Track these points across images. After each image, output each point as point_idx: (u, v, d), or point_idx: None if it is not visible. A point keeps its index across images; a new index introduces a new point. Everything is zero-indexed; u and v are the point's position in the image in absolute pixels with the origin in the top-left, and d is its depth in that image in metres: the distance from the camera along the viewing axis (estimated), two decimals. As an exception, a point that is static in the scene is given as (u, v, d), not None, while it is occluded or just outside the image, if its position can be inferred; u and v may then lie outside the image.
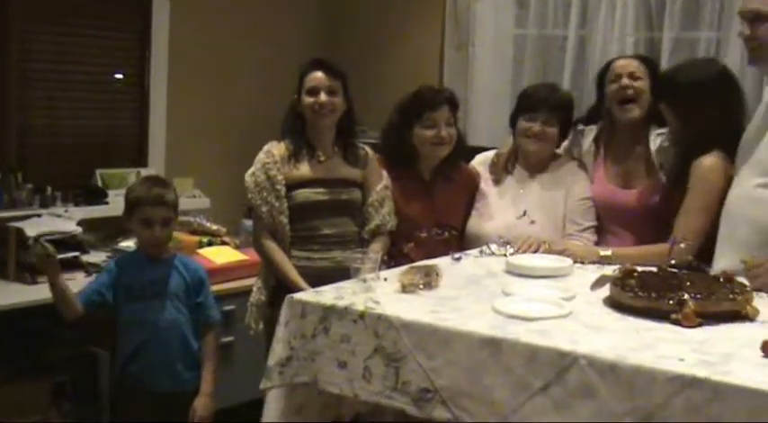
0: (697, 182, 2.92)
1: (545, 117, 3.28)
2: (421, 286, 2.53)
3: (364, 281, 2.52)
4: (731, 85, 3.04)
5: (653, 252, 2.91)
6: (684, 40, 4.33)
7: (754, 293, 2.36)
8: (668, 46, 4.31)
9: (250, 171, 3.21)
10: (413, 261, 2.85)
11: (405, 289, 2.50)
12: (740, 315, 2.26)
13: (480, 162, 3.52)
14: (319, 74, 3.21)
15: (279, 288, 3.11)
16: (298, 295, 2.51)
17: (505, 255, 3.00)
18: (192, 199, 4.57)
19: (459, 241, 3.34)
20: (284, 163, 3.20)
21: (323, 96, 3.18)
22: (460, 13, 4.95)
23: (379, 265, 2.65)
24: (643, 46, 4.43)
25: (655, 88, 3.21)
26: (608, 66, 3.39)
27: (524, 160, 3.41)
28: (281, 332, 2.48)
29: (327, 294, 2.47)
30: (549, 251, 3.02)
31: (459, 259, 2.98)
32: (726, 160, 2.90)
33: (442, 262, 2.87)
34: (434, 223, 3.33)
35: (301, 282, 3.07)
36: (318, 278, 2.83)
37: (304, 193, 3.19)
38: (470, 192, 3.44)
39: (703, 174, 2.91)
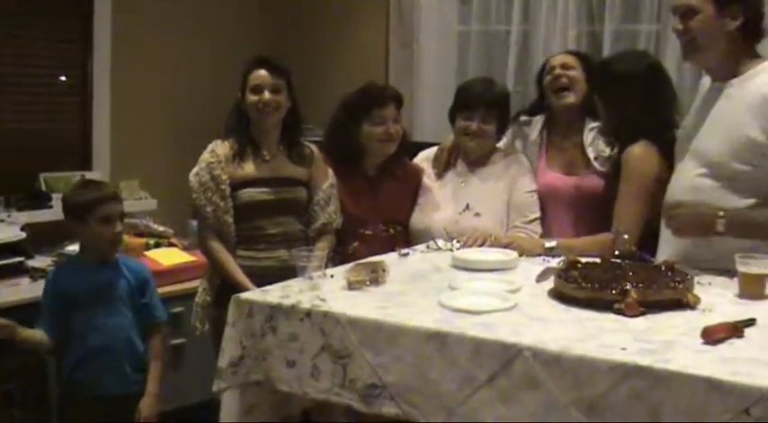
0: (628, 170, 2.98)
1: (482, 115, 3.32)
2: (367, 282, 2.54)
3: (311, 278, 2.53)
4: (660, 78, 3.12)
5: (597, 241, 2.98)
6: (625, 33, 4.38)
7: (695, 281, 2.40)
8: (609, 39, 4.36)
9: (194, 171, 3.20)
10: (360, 258, 2.85)
11: (351, 286, 2.51)
12: (681, 303, 2.29)
13: (423, 158, 3.55)
14: (263, 72, 3.20)
15: (224, 288, 3.10)
16: (244, 295, 2.51)
17: (452, 249, 3.02)
18: (138, 201, 4.52)
19: (406, 237, 3.35)
20: (228, 162, 3.19)
21: (267, 94, 3.18)
22: (405, 10, 4.97)
23: (326, 262, 2.65)
24: (585, 39, 4.48)
25: (589, 79, 3.29)
26: (547, 61, 3.49)
27: (465, 155, 3.43)
28: (229, 332, 2.48)
29: (274, 293, 2.46)
30: (495, 244, 3.04)
31: (406, 255, 3.00)
32: (654, 149, 2.95)
33: (389, 258, 2.89)
34: (380, 220, 3.35)
35: (247, 281, 3.06)
36: (264, 277, 2.83)
37: (249, 193, 3.18)
38: (415, 188, 3.46)
39: (633, 162, 2.97)
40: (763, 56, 2.79)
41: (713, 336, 2.01)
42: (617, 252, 2.75)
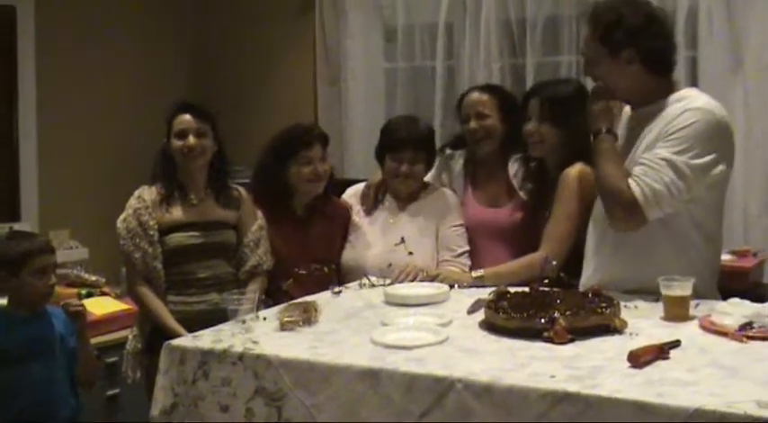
0: (563, 190, 3.04)
1: (410, 156, 3.35)
2: (300, 323, 2.53)
3: (243, 322, 2.52)
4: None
5: (522, 265, 3.02)
6: (547, 65, 4.50)
7: (621, 306, 2.44)
8: (532, 71, 4.47)
9: (121, 217, 3.18)
10: (292, 298, 2.85)
11: (284, 326, 2.50)
12: (609, 328, 2.33)
13: (351, 194, 3.55)
14: (187, 117, 3.21)
15: (155, 335, 3.08)
16: (175, 341, 2.48)
17: (385, 285, 3.03)
18: (69, 250, 4.47)
19: (338, 275, 3.36)
20: (156, 207, 3.17)
21: (191, 139, 3.18)
22: (331, 48, 5.02)
23: (258, 304, 2.65)
24: (508, 72, 4.58)
25: (505, 116, 3.33)
26: (463, 96, 3.50)
27: (393, 191, 3.46)
28: (161, 380, 2.45)
29: (205, 338, 2.45)
30: (426, 279, 3.06)
31: (339, 293, 3.00)
32: (590, 170, 3.00)
33: (322, 297, 2.89)
34: (311, 259, 3.34)
35: (178, 327, 3.04)
36: (196, 322, 2.81)
37: (177, 237, 3.17)
38: (344, 225, 3.47)
39: (569, 182, 3.03)
40: (678, 82, 2.88)
41: (639, 359, 2.04)
42: (546, 278, 2.79)
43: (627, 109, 2.97)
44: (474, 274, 3.08)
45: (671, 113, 2.69)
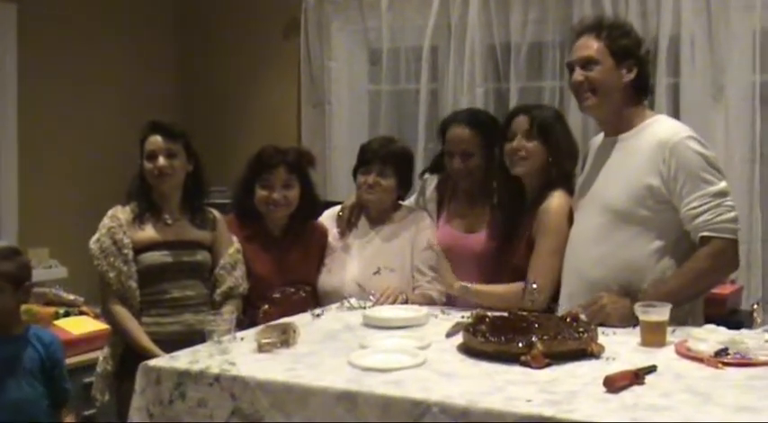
0: (547, 225, 3.02)
1: (379, 169, 3.34)
2: (278, 344, 2.53)
3: (220, 343, 2.51)
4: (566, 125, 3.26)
5: (512, 291, 2.98)
6: (530, 90, 4.52)
7: (599, 331, 2.45)
8: (515, 95, 4.49)
9: (95, 237, 3.16)
10: (270, 321, 2.84)
11: (261, 348, 2.50)
12: (586, 353, 2.34)
13: (328, 217, 3.54)
14: (157, 138, 3.18)
15: (127, 357, 3.07)
16: (152, 362, 2.48)
17: (364, 308, 3.02)
18: (47, 269, 4.45)
19: (315, 298, 3.35)
20: (130, 226, 3.16)
21: (161, 160, 3.16)
22: (315, 71, 5.03)
23: (235, 325, 2.64)
24: (492, 96, 4.60)
25: (491, 150, 3.30)
26: (446, 126, 3.44)
27: (367, 213, 3.46)
28: (137, 401, 2.44)
29: (182, 359, 2.44)
30: (407, 302, 3.07)
31: (318, 315, 3.00)
32: (568, 198, 3.04)
33: (301, 319, 2.89)
34: (287, 281, 3.33)
35: (153, 347, 3.02)
36: (171, 343, 2.81)
37: (152, 256, 3.15)
38: (320, 248, 3.45)
39: (552, 217, 3.02)
40: (650, 111, 2.96)
41: (615, 384, 2.05)
42: (528, 303, 2.80)
43: (595, 140, 3.02)
44: (463, 284, 3.07)
45: (650, 145, 2.74)
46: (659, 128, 2.80)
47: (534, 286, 2.86)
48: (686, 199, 2.67)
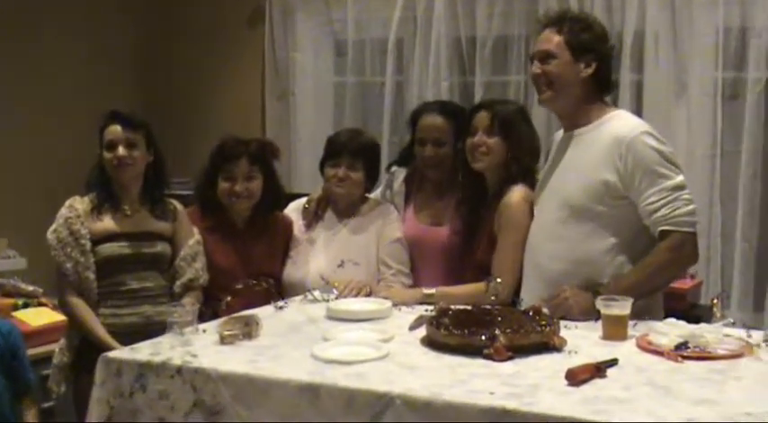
0: (508, 220, 3.03)
1: (348, 161, 3.32)
2: (240, 336, 2.51)
3: (182, 334, 2.49)
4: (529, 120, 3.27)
5: (479, 289, 2.97)
6: (495, 84, 4.54)
7: (561, 324, 2.47)
8: (480, 89, 4.51)
9: (52, 228, 3.12)
10: (233, 313, 2.82)
11: (224, 340, 2.48)
12: (548, 346, 2.35)
13: (293, 209, 3.52)
14: (116, 127, 3.14)
15: (83, 348, 3.04)
16: (112, 354, 2.45)
17: (328, 300, 3.02)
18: (6, 260, 4.39)
19: (279, 290, 3.33)
20: (88, 217, 3.12)
21: (121, 150, 3.11)
22: (280, 62, 5.01)
23: (197, 317, 2.62)
24: (457, 90, 4.61)
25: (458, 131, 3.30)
26: (418, 114, 3.45)
27: (334, 205, 3.44)
28: (97, 392, 2.41)
29: (143, 350, 2.42)
30: (371, 295, 3.06)
31: (282, 308, 2.98)
32: (529, 192, 3.04)
33: (264, 311, 2.87)
34: (251, 273, 3.31)
35: (109, 338, 3.00)
36: (128, 335, 2.80)
37: (110, 247, 3.12)
38: (285, 240, 3.43)
39: (513, 212, 3.03)
40: (610, 106, 2.96)
41: (576, 377, 2.06)
42: (492, 297, 2.81)
43: (558, 133, 3.04)
44: (425, 291, 3.05)
45: (606, 140, 2.75)
46: (617, 124, 2.80)
47: (499, 281, 2.87)
48: (644, 194, 2.68)
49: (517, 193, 3.04)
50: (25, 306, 4.06)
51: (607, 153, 2.74)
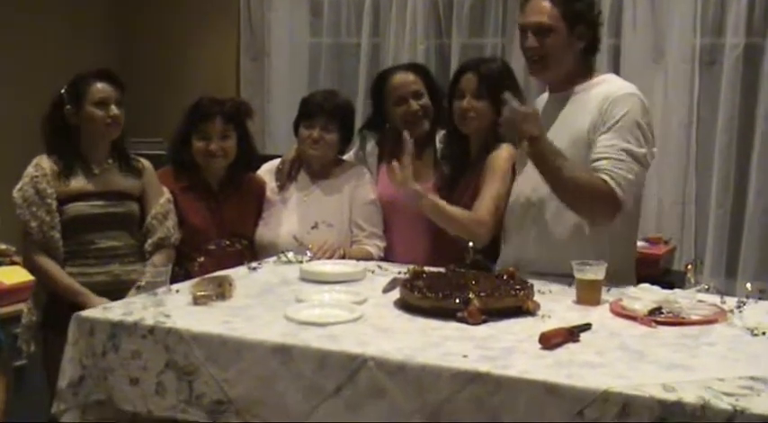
0: (494, 171, 3.01)
1: (323, 123, 3.30)
2: (213, 297, 2.50)
3: (155, 294, 2.48)
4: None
5: (464, 217, 2.94)
6: (472, 46, 4.53)
7: (535, 289, 2.47)
8: (457, 52, 4.49)
9: (18, 186, 3.08)
10: (206, 273, 2.81)
11: (197, 301, 2.47)
12: (522, 310, 2.35)
13: (266, 170, 3.49)
14: (108, 86, 3.11)
15: (51, 307, 3.03)
16: (85, 313, 2.43)
17: (301, 262, 3.01)
18: (-23, 218, 4.33)
19: (252, 252, 3.31)
20: (54, 176, 3.08)
21: (115, 109, 3.09)
22: (255, 23, 4.97)
23: (170, 277, 2.60)
24: (433, 52, 4.59)
25: (435, 93, 3.31)
26: (383, 79, 3.41)
27: (308, 167, 3.42)
28: (70, 352, 2.40)
29: (116, 310, 2.40)
30: (345, 256, 3.06)
31: (255, 269, 2.97)
32: (512, 151, 3.02)
33: (238, 272, 2.86)
34: (224, 234, 3.28)
35: (81, 287, 2.98)
36: (98, 293, 2.80)
37: (77, 207, 3.08)
38: (258, 201, 3.40)
39: (500, 163, 3.02)
40: (598, 70, 2.94)
41: (550, 341, 2.07)
42: (467, 261, 2.80)
43: (544, 95, 3.01)
44: (421, 192, 2.94)
45: (597, 98, 2.73)
46: (610, 85, 2.78)
47: (471, 245, 2.85)
48: (602, 139, 2.65)
49: (505, 149, 3.04)
50: (-2, 265, 4.03)
51: (595, 109, 2.71)
